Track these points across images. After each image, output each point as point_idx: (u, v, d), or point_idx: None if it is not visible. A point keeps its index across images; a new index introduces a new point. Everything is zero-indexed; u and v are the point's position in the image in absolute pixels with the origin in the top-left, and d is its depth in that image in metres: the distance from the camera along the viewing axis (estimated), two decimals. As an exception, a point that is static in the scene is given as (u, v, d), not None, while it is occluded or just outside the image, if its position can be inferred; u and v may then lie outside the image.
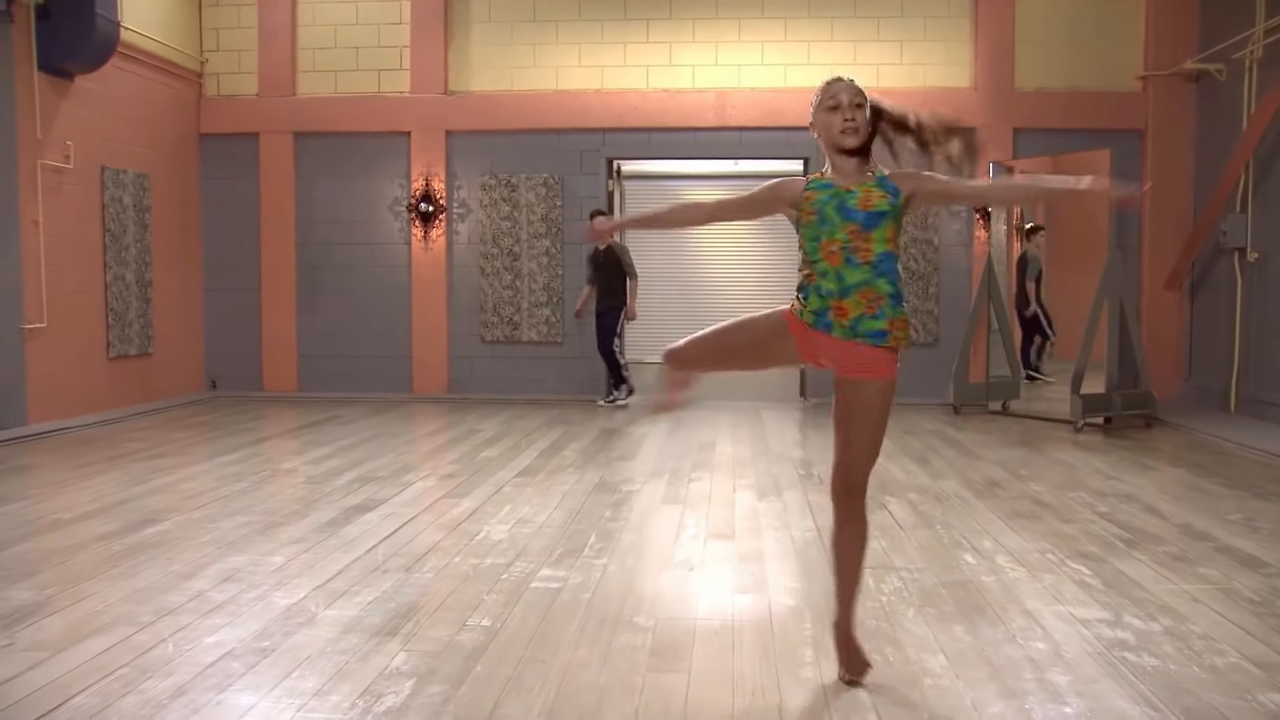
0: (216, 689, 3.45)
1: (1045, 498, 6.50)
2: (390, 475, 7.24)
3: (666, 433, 9.27)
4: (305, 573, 4.81)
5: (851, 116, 3.37)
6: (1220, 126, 10.66)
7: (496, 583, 4.67)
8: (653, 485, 6.92)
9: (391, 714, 3.25)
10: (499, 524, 5.79)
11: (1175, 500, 6.42)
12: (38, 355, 9.25)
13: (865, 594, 4.48)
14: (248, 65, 11.97)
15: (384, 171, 11.96)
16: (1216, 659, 3.73)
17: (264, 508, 6.19)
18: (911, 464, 7.65)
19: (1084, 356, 9.47)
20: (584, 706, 3.32)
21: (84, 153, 9.88)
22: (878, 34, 11.49)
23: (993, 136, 11.34)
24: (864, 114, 3.40)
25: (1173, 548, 5.28)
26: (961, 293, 11.44)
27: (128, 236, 10.58)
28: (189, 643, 3.87)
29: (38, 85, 9.20)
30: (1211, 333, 10.78)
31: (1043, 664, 3.68)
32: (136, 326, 10.72)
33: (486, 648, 3.84)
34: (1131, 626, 4.08)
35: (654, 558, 5.15)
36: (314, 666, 3.64)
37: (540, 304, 11.90)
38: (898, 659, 3.73)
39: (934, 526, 5.73)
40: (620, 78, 11.74)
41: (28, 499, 6.41)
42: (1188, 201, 11.19)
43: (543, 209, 11.83)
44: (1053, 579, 4.72)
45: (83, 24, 9.15)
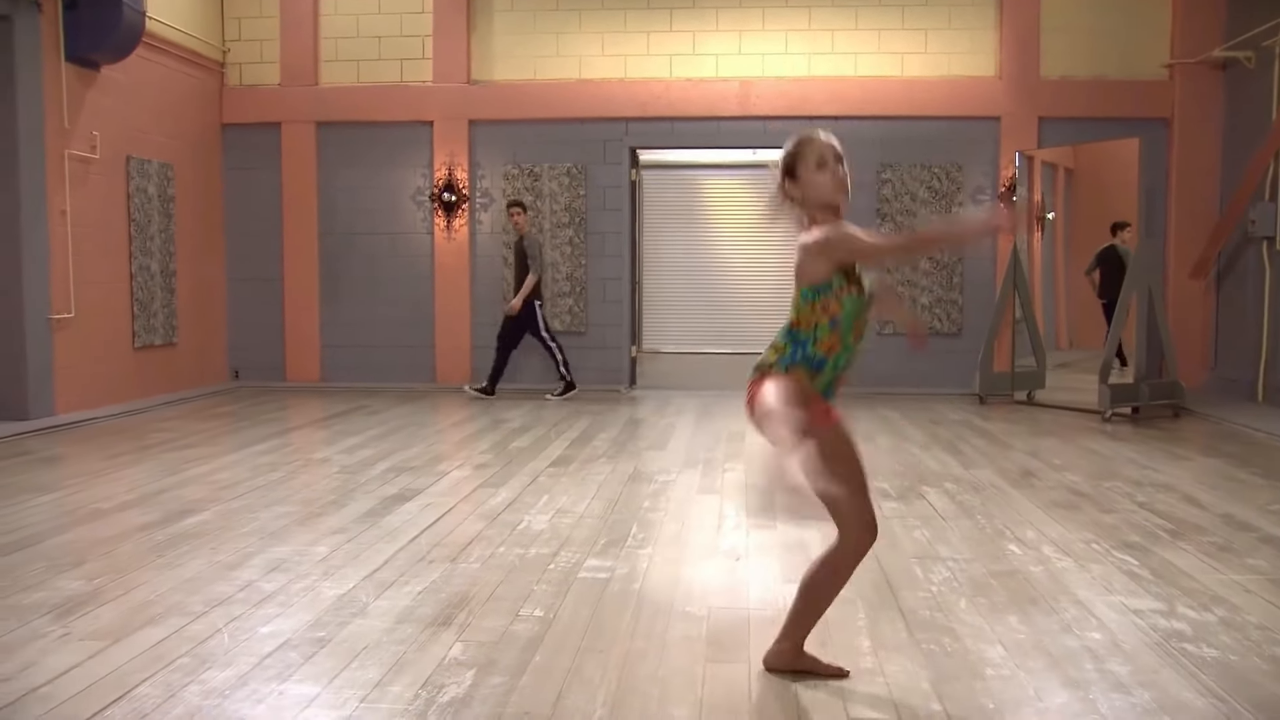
0: (277, 679, 3.45)
1: (1082, 488, 6.48)
2: (424, 465, 7.24)
3: (694, 423, 9.26)
4: (350, 563, 4.81)
5: (839, 173, 3.25)
6: (1248, 115, 10.60)
7: (544, 573, 4.66)
8: (687, 475, 6.92)
9: (455, 705, 3.24)
10: (539, 514, 5.78)
11: (1213, 490, 6.39)
12: (65, 345, 9.27)
13: (914, 584, 4.50)
14: (270, 55, 11.96)
15: (407, 161, 11.94)
16: (1277, 650, 3.71)
17: (301, 498, 6.19)
18: (943, 454, 7.63)
19: (1111, 347, 9.43)
20: (648, 698, 3.31)
21: (109, 143, 9.89)
22: (902, 22, 11.43)
23: (1018, 125, 11.32)
24: (844, 168, 3.27)
25: (1217, 538, 5.25)
26: (985, 282, 11.40)
27: (152, 226, 10.59)
28: (244, 633, 3.87)
29: (65, 75, 9.20)
30: (1238, 322, 10.72)
31: (1101, 654, 3.67)
32: (161, 317, 10.73)
33: (542, 638, 3.83)
34: (1186, 617, 4.06)
35: (698, 547, 5.14)
36: (372, 657, 3.64)
37: (563, 294, 11.88)
38: (956, 649, 3.72)
39: (974, 516, 5.71)
40: (643, 67, 11.70)
41: (64, 489, 6.42)
42: (1214, 191, 11.13)
43: (566, 198, 11.81)
44: (1101, 569, 4.70)
45: (110, 14, 9.15)
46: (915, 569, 4.71)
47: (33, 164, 8.87)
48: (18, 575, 4.58)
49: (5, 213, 8.74)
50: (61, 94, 9.17)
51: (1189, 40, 11.03)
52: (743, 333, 16.27)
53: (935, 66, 11.39)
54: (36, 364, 8.93)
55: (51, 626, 3.93)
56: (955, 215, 3.32)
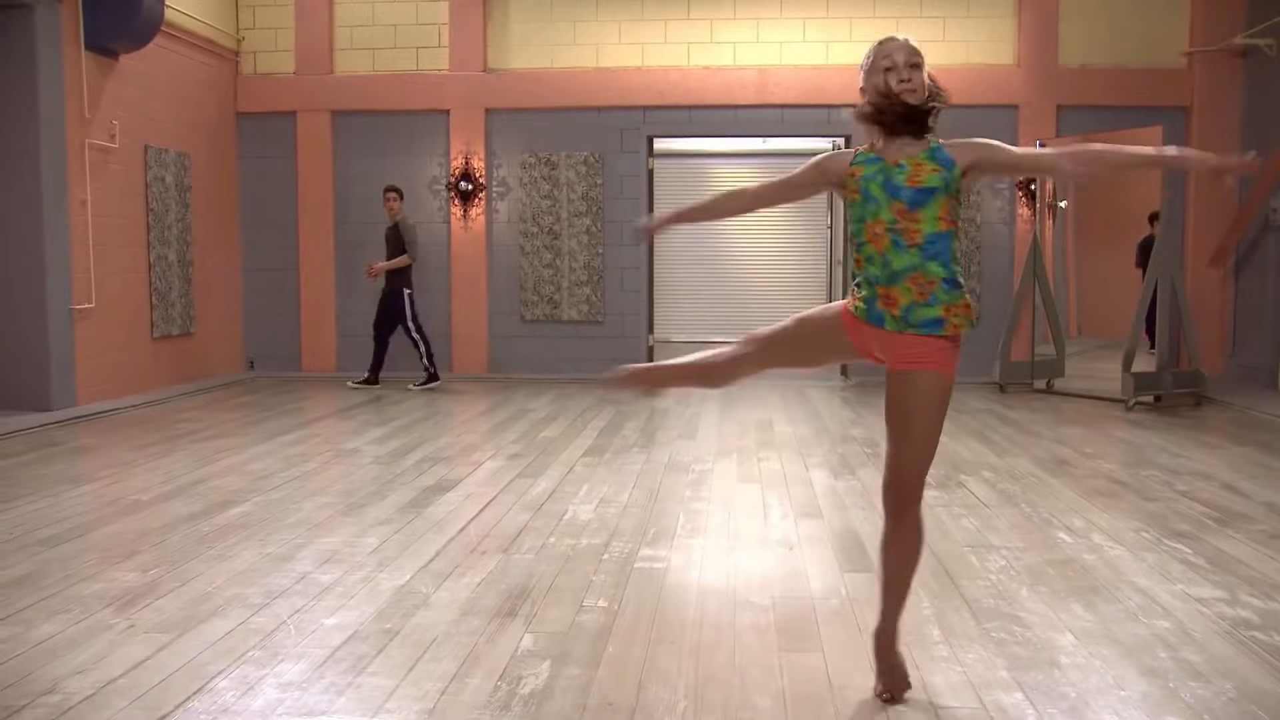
0: (352, 671, 3.43)
1: (1120, 476, 6.48)
2: (457, 455, 7.22)
3: (719, 412, 9.24)
4: (402, 554, 4.79)
5: (908, 77, 3.01)
6: (1269, 103, 10.59)
7: (599, 563, 4.65)
8: (723, 464, 6.91)
9: (537, 697, 3.23)
10: (582, 504, 5.77)
11: (1251, 479, 6.39)
12: (86, 336, 9.22)
13: (972, 573, 4.49)
14: (285, 43, 11.89)
15: (423, 150, 11.89)
16: (1349, 638, 3.72)
17: (339, 489, 6.17)
18: (974, 442, 7.62)
19: (1134, 335, 9.43)
20: (729, 688, 3.30)
21: (128, 132, 9.83)
22: (920, 10, 11.40)
23: (1036, 114, 11.30)
24: (921, 75, 3.03)
25: (1265, 526, 5.26)
26: (1003, 270, 11.40)
27: (170, 216, 10.53)
28: (309, 625, 3.86)
29: (85, 64, 9.14)
30: (1258, 310, 10.73)
31: (1173, 643, 3.66)
32: (179, 306, 10.69)
33: (610, 629, 3.82)
34: (1251, 605, 4.06)
35: (749, 537, 5.13)
36: (444, 649, 3.62)
37: (581, 283, 11.86)
38: (1027, 637, 3.71)
39: (1019, 505, 5.71)
40: (661, 55, 11.66)
41: (101, 480, 6.39)
42: (1233, 179, 11.10)
43: (583, 187, 11.77)
44: (1155, 557, 4.70)
45: (130, 2, 9.07)
46: (971, 558, 4.70)
47: (54, 153, 8.81)
48: (72, 567, 4.56)
49: (28, 202, 8.69)
50: (82, 83, 9.11)
51: (1209, 28, 11.01)
52: (753, 321, 16.26)
53: (953, 54, 11.35)
54: (59, 354, 8.88)
55: (115, 618, 3.91)
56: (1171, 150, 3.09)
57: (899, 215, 3.00)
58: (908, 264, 3.00)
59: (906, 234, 3.00)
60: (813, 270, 16.30)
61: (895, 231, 3.00)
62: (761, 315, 14.55)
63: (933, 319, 3.02)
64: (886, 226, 3.01)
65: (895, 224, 3.00)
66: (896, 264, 3.01)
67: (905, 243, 3.00)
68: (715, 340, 12.81)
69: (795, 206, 16.25)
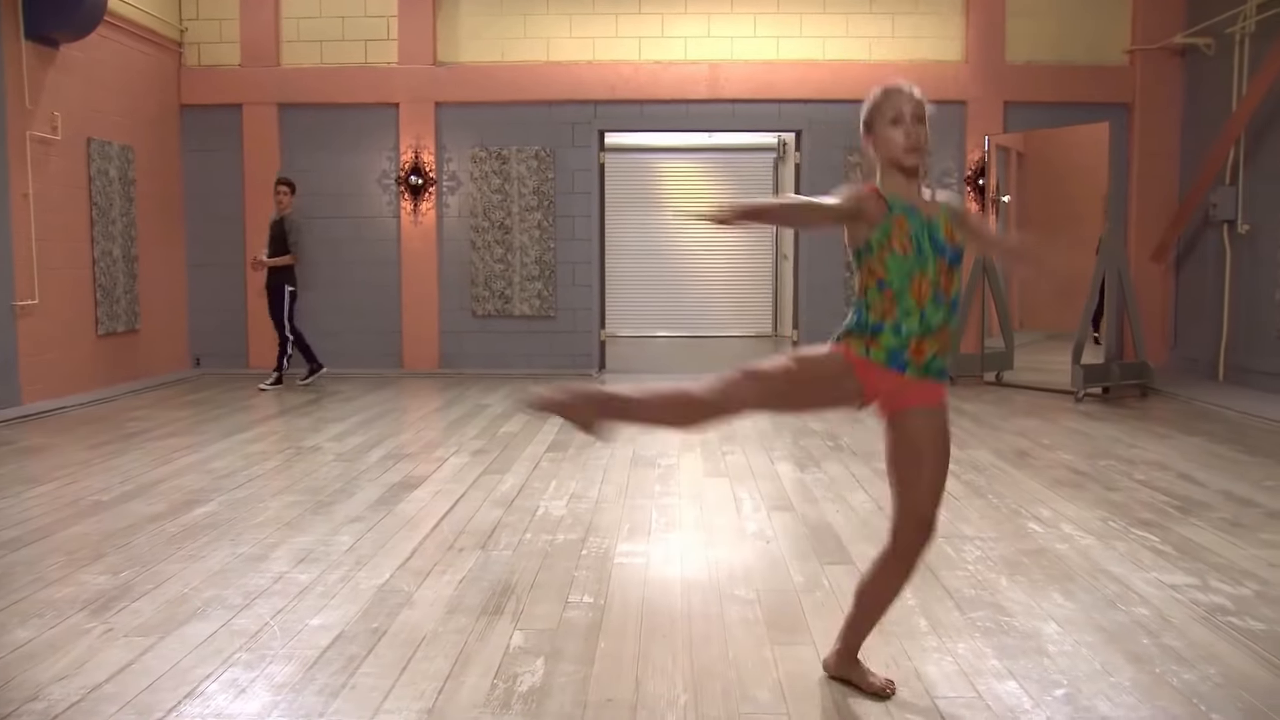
0: (344, 672, 3.38)
1: (1080, 466, 6.60)
2: (419, 452, 7.16)
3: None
4: (379, 552, 4.74)
5: (915, 133, 3.02)
6: (1207, 101, 10.84)
7: (579, 559, 4.64)
8: (689, 459, 6.92)
9: (536, 695, 3.21)
10: (553, 500, 5.75)
11: (1205, 468, 6.54)
12: (30, 333, 8.99)
13: (950, 563, 4.54)
14: (229, 35, 11.67)
15: (372, 144, 11.75)
16: (1321, 622, 3.82)
17: (305, 486, 6.08)
18: (934, 435, 7.71)
19: (1083, 328, 9.59)
20: (726, 681, 3.31)
21: (70, 124, 9.59)
22: (870, 6, 11.49)
23: (984, 109, 11.46)
24: (925, 129, 3.04)
25: (1225, 514, 5.38)
26: (952, 265, 11.53)
27: (114, 210, 10.30)
28: (294, 625, 3.80)
29: (25, 54, 8.90)
30: (1198, 303, 10.99)
31: (1153, 629, 3.74)
32: (124, 303, 10.46)
33: (600, 624, 3.81)
34: (1222, 591, 4.16)
35: (725, 531, 5.14)
36: (434, 648, 3.59)
37: (532, 277, 11.80)
38: (1012, 626, 3.77)
39: (986, 496, 5.79)
40: (612, 49, 11.63)
41: (57, 480, 6.23)
42: (1174, 175, 11.37)
43: (534, 181, 11.71)
44: (1125, 546, 4.80)
45: (73, -10, 8.87)
46: (946, 549, 4.76)
47: (-5, 146, 8.59)
48: (39, 570, 4.45)
49: (-32, 196, 8.46)
50: (22, 73, 8.86)
51: (1149, 27, 11.24)
52: (699, 317, 16.38)
53: (903, 50, 11.48)
54: (2, 352, 8.65)
55: (91, 622, 3.82)
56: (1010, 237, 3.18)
57: (941, 271, 3.03)
58: (941, 320, 3.03)
59: (944, 290, 3.04)
60: (759, 265, 16.43)
61: (937, 287, 3.02)
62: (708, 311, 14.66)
63: (943, 367, 3.11)
64: (931, 281, 3.01)
65: (938, 280, 3.02)
66: (933, 319, 3.02)
67: (943, 299, 3.04)
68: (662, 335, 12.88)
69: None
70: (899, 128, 3.02)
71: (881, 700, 3.18)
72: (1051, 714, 3.07)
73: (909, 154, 3.02)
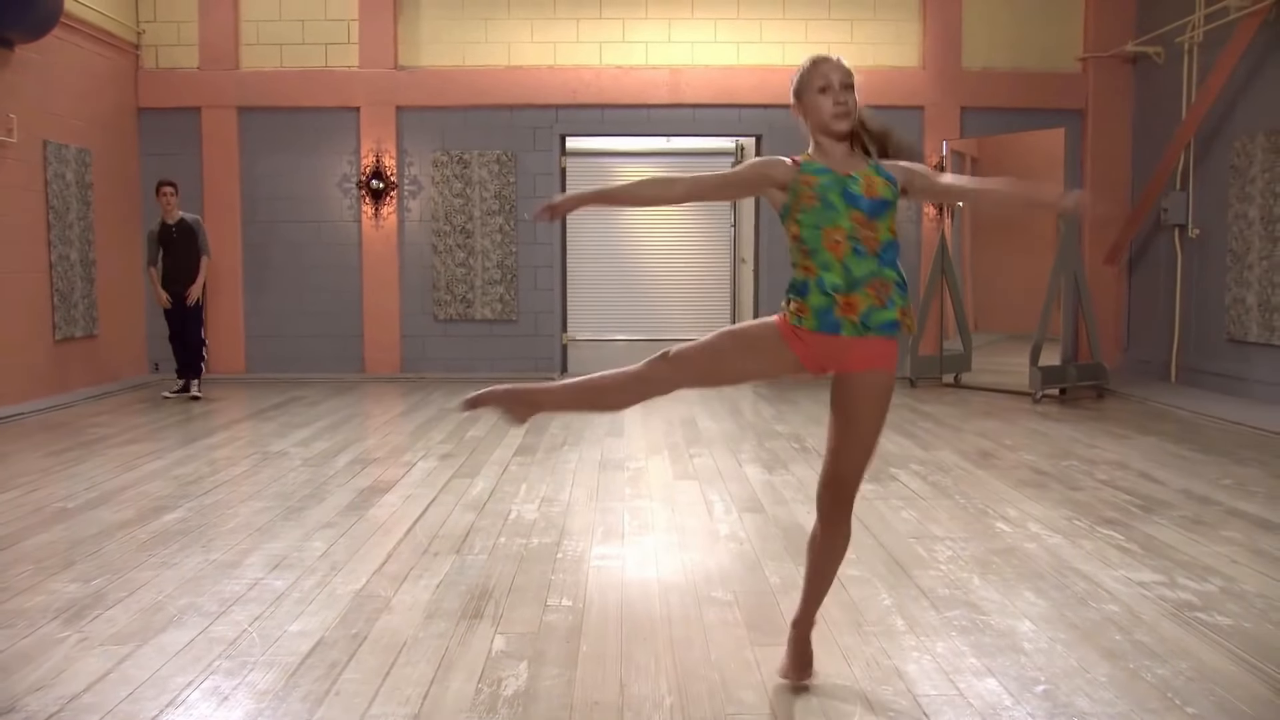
0: (327, 678, 3.35)
1: (1042, 466, 6.68)
2: (387, 456, 7.11)
3: (642, 410, 9.24)
4: (353, 558, 4.70)
5: (843, 99, 3.06)
6: (1158, 108, 11.02)
7: (555, 562, 4.63)
8: (657, 462, 6.92)
9: (522, 699, 3.20)
10: (524, 504, 5.73)
11: (1164, 467, 6.65)
12: (-14, 338, 8.85)
13: (922, 563, 4.58)
14: (188, 37, 11.53)
15: (332, 148, 11.66)
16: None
17: (273, 492, 6.01)
18: (898, 436, 7.77)
19: (1041, 331, 9.71)
20: (711, 683, 3.31)
21: (26, 126, 9.43)
22: (828, 13, 11.58)
23: (941, 115, 11.57)
24: (854, 96, 3.10)
25: (1186, 512, 5.47)
26: (910, 268, 11.61)
27: (71, 214, 10.14)
28: (273, 632, 3.76)
29: (-19, 55, 8.77)
30: (1150, 305, 11.17)
31: (1125, 626, 3.79)
32: (81, 308, 10.30)
33: (580, 628, 3.80)
34: (1189, 588, 4.22)
35: (698, 533, 5.15)
36: (416, 653, 3.56)
37: (494, 281, 11.76)
38: (988, 624, 3.81)
39: (953, 496, 5.85)
40: (573, 54, 11.63)
41: (19, 487, 6.12)
42: (1126, 180, 11.55)
43: (496, 186, 11.68)
44: (1092, 544, 4.86)
45: (30, -9, 8.72)
46: (918, 548, 4.80)
47: (-50, 148, 8.43)
48: (7, 579, 4.37)
49: (-78, 200, 8.29)
50: (-22, 75, 8.73)
51: (1102, 35, 11.42)
52: (660, 319, 16.41)
53: (861, 56, 11.54)
54: (-42, 358, 8.50)
55: (65, 631, 3.76)
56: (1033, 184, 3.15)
57: (858, 224, 3.03)
58: (868, 270, 3.03)
59: (866, 242, 3.04)
60: (717, 269, 16.50)
61: (855, 239, 3.03)
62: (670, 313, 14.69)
63: (890, 321, 3.06)
64: (846, 234, 3.03)
65: (855, 231, 3.03)
66: (857, 271, 3.03)
67: (865, 250, 3.04)
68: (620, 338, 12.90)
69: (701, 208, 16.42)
70: (827, 95, 3.07)
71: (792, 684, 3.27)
72: (1032, 710, 3.11)
73: (837, 120, 3.07)
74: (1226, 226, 9.75)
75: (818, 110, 3.09)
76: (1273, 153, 9.06)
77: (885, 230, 3.07)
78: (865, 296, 3.04)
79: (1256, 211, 9.27)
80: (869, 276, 3.03)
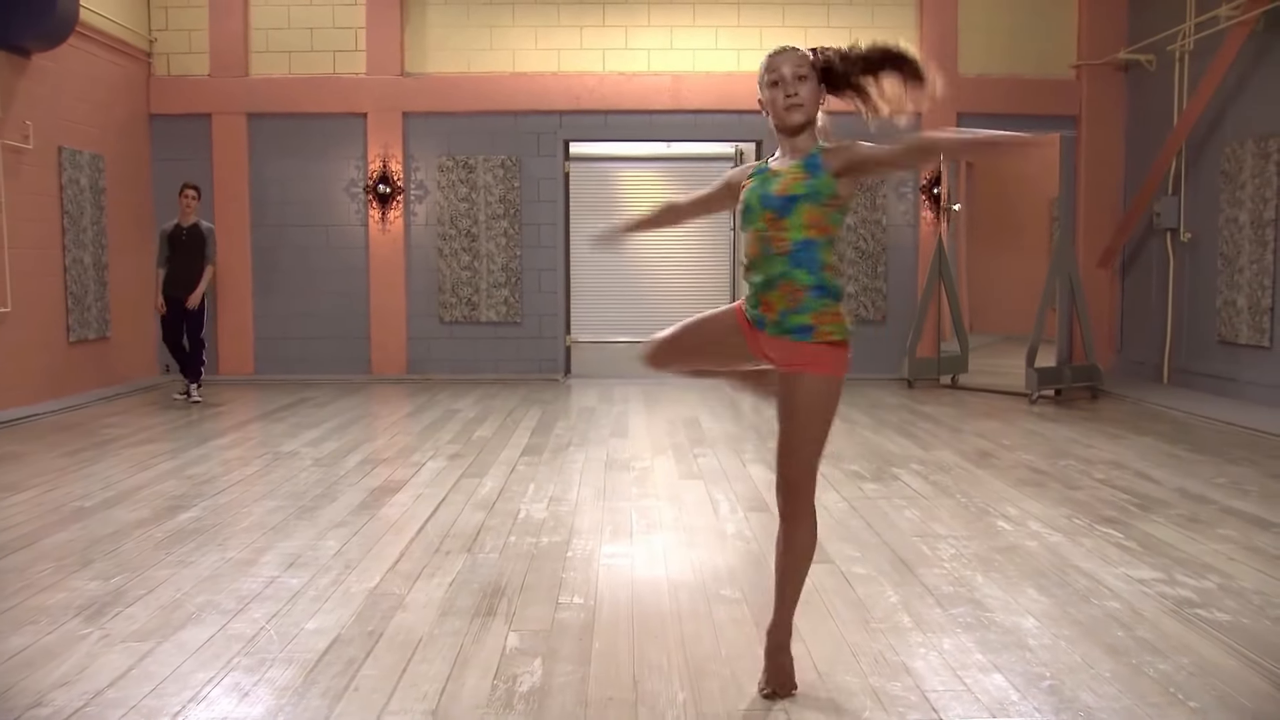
0: (345, 675, 3.35)
1: (1040, 466, 6.68)
2: (396, 456, 7.10)
3: (645, 410, 9.27)
4: (366, 556, 4.69)
5: (794, 91, 3.01)
6: (1150, 114, 11.03)
7: (565, 561, 4.62)
8: (662, 461, 6.92)
9: (537, 694, 3.20)
10: (533, 503, 5.73)
11: (1159, 466, 6.65)
12: (2, 340, 8.82)
13: (927, 561, 4.58)
14: (199, 45, 11.53)
15: (340, 153, 11.65)
16: None
17: (286, 491, 6.01)
18: (898, 436, 7.78)
19: (1037, 332, 9.72)
20: (723, 680, 3.31)
21: (41, 133, 9.41)
22: (827, 21, 11.59)
23: (938, 120, 11.54)
24: (809, 85, 3.03)
25: (1182, 510, 5.47)
26: (908, 271, 11.65)
27: (85, 218, 10.13)
28: (291, 630, 3.75)
29: (-2, 63, 8.76)
30: (1143, 308, 11.17)
31: (1126, 622, 3.79)
32: (95, 310, 10.29)
33: (592, 625, 3.80)
34: (1187, 585, 4.22)
35: (705, 531, 5.15)
36: (431, 650, 3.56)
37: (499, 284, 11.75)
38: (993, 621, 3.81)
39: (954, 495, 5.85)
40: (577, 60, 11.63)
41: (36, 487, 6.12)
42: (1118, 185, 11.56)
43: (500, 190, 11.67)
44: (1091, 542, 4.86)
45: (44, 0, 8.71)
46: (921, 547, 4.80)
47: (-33, 154, 8.43)
48: (28, 577, 4.36)
49: (-61, 204, 8.28)
50: (-5, 82, 8.72)
51: (1095, 43, 11.42)
52: (661, 322, 16.37)
53: (859, 64, 11.54)
54: (-26, 360, 8.50)
55: (86, 628, 3.76)
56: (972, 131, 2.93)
57: (768, 223, 3.01)
58: (778, 271, 3.00)
59: (774, 242, 3.00)
60: (717, 271, 16.48)
61: (765, 240, 3.00)
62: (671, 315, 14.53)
63: (803, 325, 3.00)
64: (758, 234, 3.02)
65: (765, 232, 3.01)
66: (769, 271, 3.01)
67: (774, 250, 3.00)
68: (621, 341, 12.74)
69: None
70: (778, 89, 3.05)
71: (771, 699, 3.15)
72: (1038, 705, 3.11)
73: (789, 112, 3.03)
74: (1217, 230, 9.75)
75: (772, 104, 3.07)
76: (1262, 158, 9.06)
77: (797, 229, 2.99)
78: (779, 297, 3.01)
79: (1247, 216, 9.28)
80: (779, 278, 3.00)
